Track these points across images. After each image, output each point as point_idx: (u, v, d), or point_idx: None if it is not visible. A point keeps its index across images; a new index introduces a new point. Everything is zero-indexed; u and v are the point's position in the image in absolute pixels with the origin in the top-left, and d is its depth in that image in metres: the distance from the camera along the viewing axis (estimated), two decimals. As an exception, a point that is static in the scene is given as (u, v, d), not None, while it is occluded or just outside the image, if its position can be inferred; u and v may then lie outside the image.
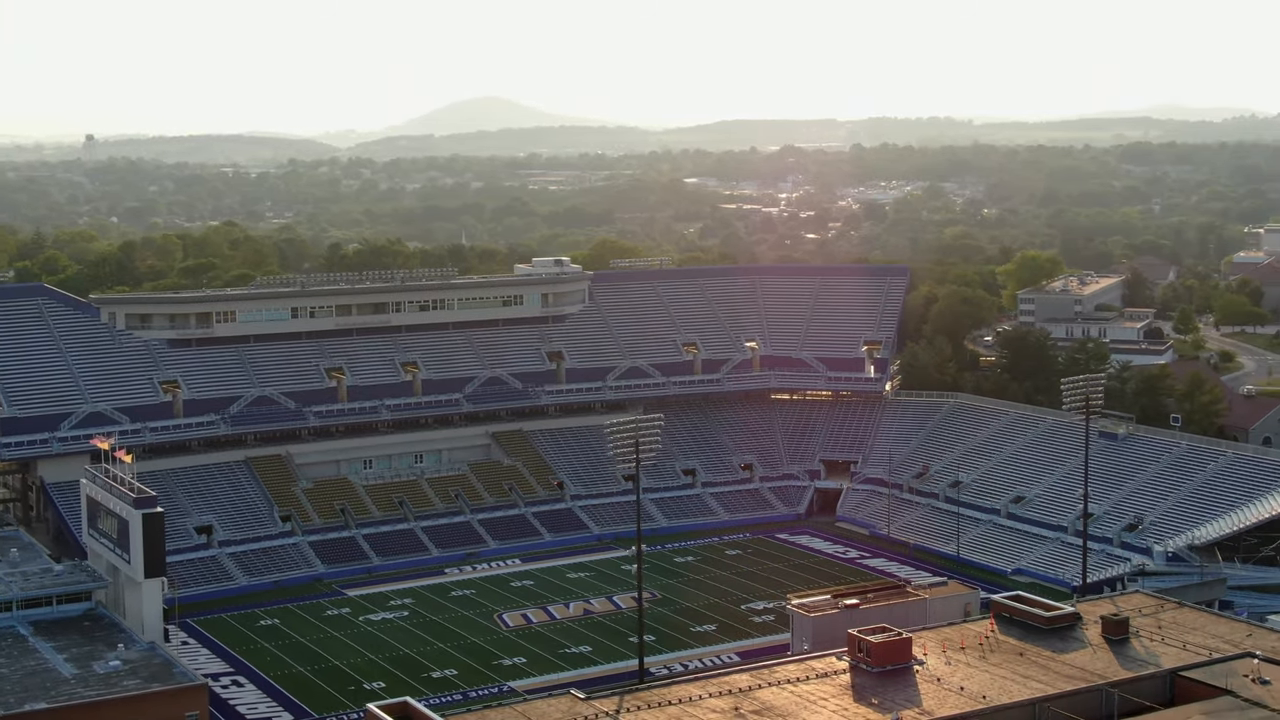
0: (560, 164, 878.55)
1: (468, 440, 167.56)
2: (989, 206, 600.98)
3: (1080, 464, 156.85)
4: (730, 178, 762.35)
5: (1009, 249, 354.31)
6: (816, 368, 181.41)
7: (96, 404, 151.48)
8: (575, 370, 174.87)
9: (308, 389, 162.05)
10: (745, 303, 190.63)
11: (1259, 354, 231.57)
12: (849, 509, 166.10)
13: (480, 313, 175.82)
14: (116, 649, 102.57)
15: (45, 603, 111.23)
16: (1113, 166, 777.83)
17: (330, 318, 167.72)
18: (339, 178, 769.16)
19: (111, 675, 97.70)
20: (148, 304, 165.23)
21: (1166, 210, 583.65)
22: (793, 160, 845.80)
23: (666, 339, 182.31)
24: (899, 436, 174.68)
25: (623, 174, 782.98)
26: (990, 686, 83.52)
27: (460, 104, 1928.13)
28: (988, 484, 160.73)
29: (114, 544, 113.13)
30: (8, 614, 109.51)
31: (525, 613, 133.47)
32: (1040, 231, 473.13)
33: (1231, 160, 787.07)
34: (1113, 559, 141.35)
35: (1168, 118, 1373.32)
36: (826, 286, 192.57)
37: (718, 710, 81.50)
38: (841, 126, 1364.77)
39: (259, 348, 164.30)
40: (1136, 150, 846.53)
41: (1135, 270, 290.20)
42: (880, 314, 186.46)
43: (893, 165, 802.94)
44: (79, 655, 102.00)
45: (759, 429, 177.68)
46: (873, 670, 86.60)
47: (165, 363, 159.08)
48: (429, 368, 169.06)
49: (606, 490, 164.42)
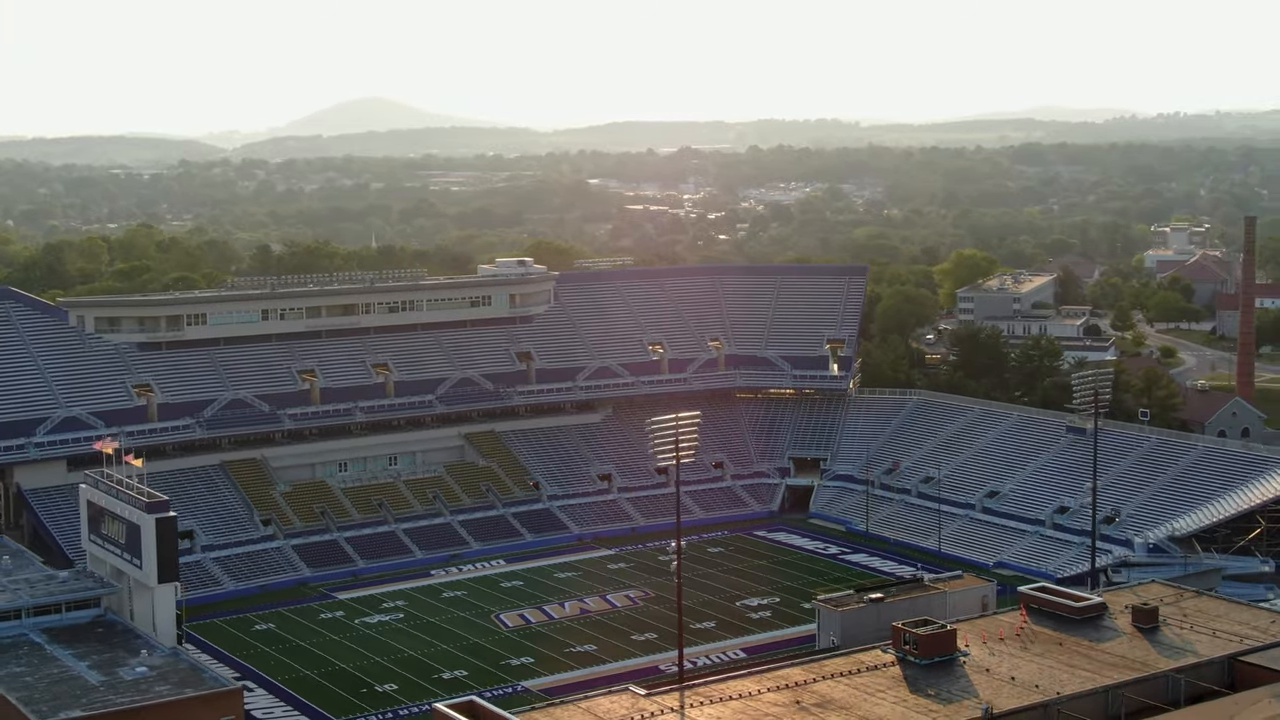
0: (458, 165, 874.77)
1: (441, 442, 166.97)
2: (890, 207, 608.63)
3: (1051, 458, 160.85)
4: (631, 179, 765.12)
5: (932, 249, 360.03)
6: (781, 366, 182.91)
7: (71, 409, 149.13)
8: (545, 371, 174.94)
9: (280, 391, 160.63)
10: (707, 302, 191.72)
11: (1197, 349, 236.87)
12: (821, 505, 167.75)
13: (448, 314, 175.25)
14: (139, 655, 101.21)
15: (54, 610, 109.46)
16: (1006, 167, 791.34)
17: (301, 320, 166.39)
18: (234, 179, 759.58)
19: (141, 681, 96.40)
20: (117, 307, 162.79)
21: (1065, 210, 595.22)
22: (693, 162, 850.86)
23: (632, 339, 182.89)
24: (866, 433, 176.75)
25: (523, 175, 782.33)
26: (1040, 676, 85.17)
27: (345, 105, 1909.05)
28: (960, 479, 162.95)
29: (122, 549, 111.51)
30: (16, 622, 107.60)
31: (522, 613, 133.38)
32: (948, 231, 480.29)
33: (1122, 160, 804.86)
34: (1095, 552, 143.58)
35: (1050, 119, 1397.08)
36: (786, 286, 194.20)
37: (779, 704, 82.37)
38: (731, 128, 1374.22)
39: (229, 350, 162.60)
40: (1028, 151, 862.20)
41: (1066, 268, 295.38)
42: (841, 312, 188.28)
43: (791, 167, 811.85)
44: (101, 662, 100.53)
45: (727, 427, 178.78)
46: (920, 662, 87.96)
47: (137, 366, 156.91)
48: (400, 369, 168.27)
49: (582, 490, 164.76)
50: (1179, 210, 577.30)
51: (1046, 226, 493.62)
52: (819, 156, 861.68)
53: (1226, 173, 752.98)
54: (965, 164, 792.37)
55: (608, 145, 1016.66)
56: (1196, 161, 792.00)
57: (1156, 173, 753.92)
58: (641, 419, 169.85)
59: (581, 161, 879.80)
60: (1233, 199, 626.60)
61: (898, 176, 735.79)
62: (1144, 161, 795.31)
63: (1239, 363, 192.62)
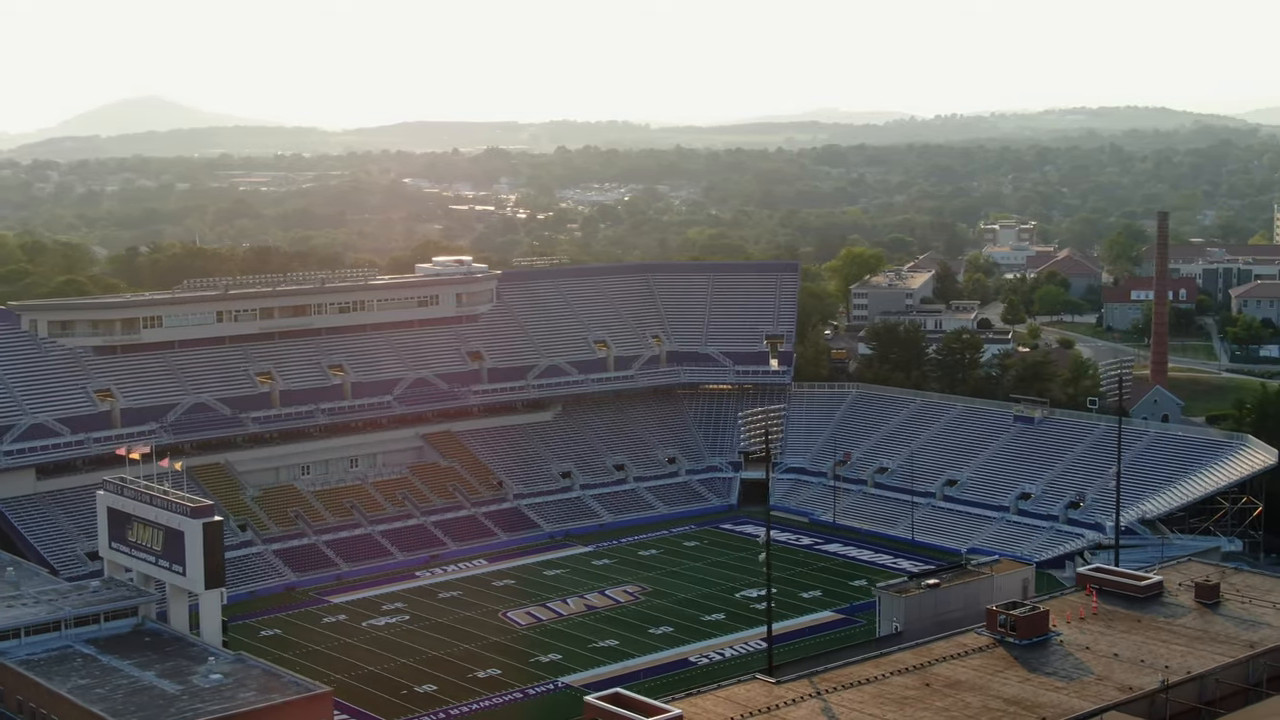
0: (259, 165, 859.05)
1: (400, 443, 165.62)
2: (711, 208, 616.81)
3: (1002, 446, 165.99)
4: (441, 179, 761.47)
5: (790, 247, 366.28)
6: (723, 361, 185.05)
7: (36, 415, 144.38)
8: (496, 370, 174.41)
9: (240, 395, 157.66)
10: (643, 299, 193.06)
11: (1089, 341, 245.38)
12: (779, 498, 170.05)
13: (397, 314, 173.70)
14: (206, 662, 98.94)
15: (93, 620, 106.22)
16: (812, 168, 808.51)
17: (254, 321, 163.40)
18: (26, 180, 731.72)
19: (222, 688, 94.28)
20: (71, 310, 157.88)
21: (881, 210, 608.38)
22: (502, 163, 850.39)
23: (577, 336, 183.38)
24: (810, 427, 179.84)
25: (330, 175, 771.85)
26: (1141, 650, 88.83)
27: (119, 104, 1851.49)
28: (915, 469, 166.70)
29: (157, 556, 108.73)
30: (57, 634, 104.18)
31: (528, 611, 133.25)
32: (779, 231, 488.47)
33: (921, 161, 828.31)
34: (1064, 535, 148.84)
35: (833, 121, 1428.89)
36: (719, 283, 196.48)
37: (910, 686, 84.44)
38: (525, 129, 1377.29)
39: (185, 354, 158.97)
40: (831, 153, 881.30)
41: (944, 264, 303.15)
42: (776, 308, 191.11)
43: (602, 168, 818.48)
44: (167, 671, 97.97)
45: (675, 423, 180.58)
46: (1020, 643, 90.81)
47: (95, 371, 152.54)
48: (355, 370, 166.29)
49: (546, 488, 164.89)
50: (988, 209, 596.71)
51: (873, 226, 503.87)
52: (627, 158, 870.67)
53: (1024, 172, 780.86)
54: (773, 165, 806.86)
55: (402, 145, 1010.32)
56: (993, 161, 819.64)
57: (958, 173, 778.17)
58: (592, 416, 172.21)
59: (388, 161, 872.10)
60: (1039, 197, 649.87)
61: (710, 178, 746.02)
62: (944, 162, 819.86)
63: (1154, 352, 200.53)
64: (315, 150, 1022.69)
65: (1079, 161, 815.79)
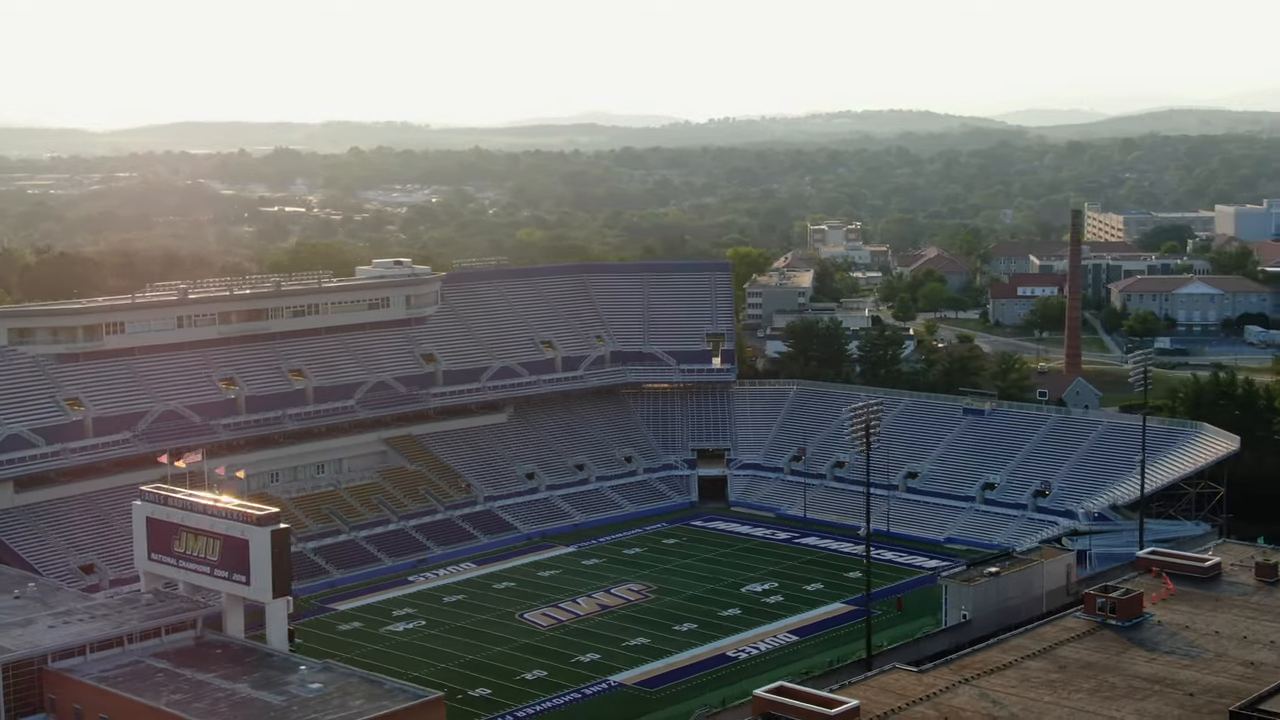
0: (37, 166, 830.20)
1: (363, 447, 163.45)
2: (524, 209, 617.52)
3: (956, 438, 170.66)
4: (234, 180, 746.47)
5: (650, 248, 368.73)
6: (666, 360, 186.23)
7: (11, 426, 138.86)
8: (451, 372, 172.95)
9: (206, 401, 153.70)
10: (581, 300, 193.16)
11: (982, 335, 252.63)
12: (739, 494, 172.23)
13: (349, 317, 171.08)
14: (297, 671, 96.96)
15: (153, 634, 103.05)
16: (615, 170, 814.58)
17: (213, 326, 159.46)
18: None
19: (327, 697, 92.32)
20: (30, 317, 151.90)
21: (697, 211, 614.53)
22: (292, 163, 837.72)
23: (524, 338, 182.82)
24: (757, 423, 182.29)
25: (117, 176, 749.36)
26: (1238, 627, 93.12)
27: None
28: (872, 463, 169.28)
29: (213, 566, 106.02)
30: (121, 649, 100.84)
31: (543, 612, 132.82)
32: (605, 231, 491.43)
33: (716, 163, 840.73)
34: (1036, 523, 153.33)
35: (609, 124, 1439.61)
36: (654, 283, 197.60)
37: (1047, 669, 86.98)
38: (298, 129, 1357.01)
39: (148, 360, 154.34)
40: (629, 155, 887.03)
41: (823, 263, 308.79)
42: (713, 307, 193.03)
43: (401, 169, 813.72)
44: (258, 682, 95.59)
45: (624, 422, 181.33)
46: (1121, 624, 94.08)
47: (61, 379, 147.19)
48: (315, 375, 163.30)
49: (515, 490, 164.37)
50: (797, 210, 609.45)
51: (700, 227, 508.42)
52: (426, 159, 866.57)
53: (819, 173, 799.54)
54: (577, 167, 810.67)
55: (170, 145, 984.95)
56: (788, 164, 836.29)
57: (758, 175, 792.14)
58: (545, 417, 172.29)
59: (174, 162, 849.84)
60: (846, 198, 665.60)
61: (515, 179, 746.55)
62: (741, 165, 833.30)
63: (1068, 345, 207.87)
64: (77, 152, 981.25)
65: (869, 163, 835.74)
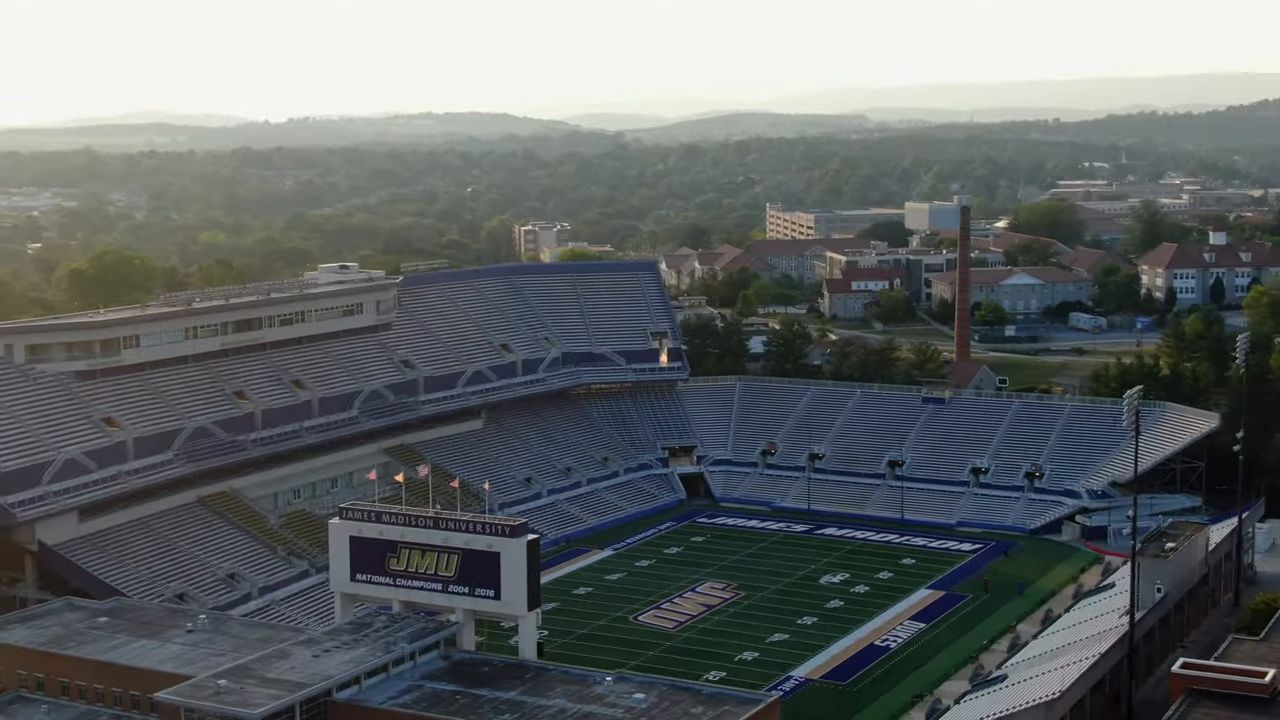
0: None
1: (367, 459, 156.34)
2: (169, 212, 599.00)
3: (925, 427, 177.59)
4: None
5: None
6: (617, 360, 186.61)
7: (65, 450, 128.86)
8: (432, 379, 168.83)
9: (228, 417, 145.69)
10: (519, 303, 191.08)
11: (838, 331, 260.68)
12: (722, 489, 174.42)
13: (329, 324, 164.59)
14: (601, 683, 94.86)
15: (409, 657, 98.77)
16: (244, 171, 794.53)
17: (216, 337, 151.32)
18: None
19: (659, 707, 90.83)
20: (45, 333, 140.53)
21: (373, 214, 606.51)
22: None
23: (482, 341, 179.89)
24: (713, 419, 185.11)
25: None
26: None
27: None
28: (848, 454, 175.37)
29: (447, 582, 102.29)
30: (384, 676, 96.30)
31: (654, 614, 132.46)
32: (294, 235, 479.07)
33: (349, 164, 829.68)
34: (1042, 504, 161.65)
35: (183, 124, 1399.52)
36: (585, 284, 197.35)
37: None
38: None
39: (162, 375, 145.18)
40: (252, 156, 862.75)
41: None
42: (647, 306, 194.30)
43: (9, 173, 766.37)
44: (573, 696, 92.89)
45: (588, 423, 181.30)
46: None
47: (88, 398, 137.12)
48: (314, 385, 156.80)
49: (520, 496, 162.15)
50: (467, 212, 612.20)
51: (386, 227, 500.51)
52: (36, 161, 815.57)
53: (457, 175, 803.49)
54: (202, 169, 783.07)
55: None
56: (423, 165, 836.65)
57: (400, 176, 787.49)
58: (516, 421, 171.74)
59: None
60: (505, 199, 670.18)
61: (139, 181, 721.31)
62: (379, 166, 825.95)
63: (958, 335, 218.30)
64: None
65: (501, 166, 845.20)
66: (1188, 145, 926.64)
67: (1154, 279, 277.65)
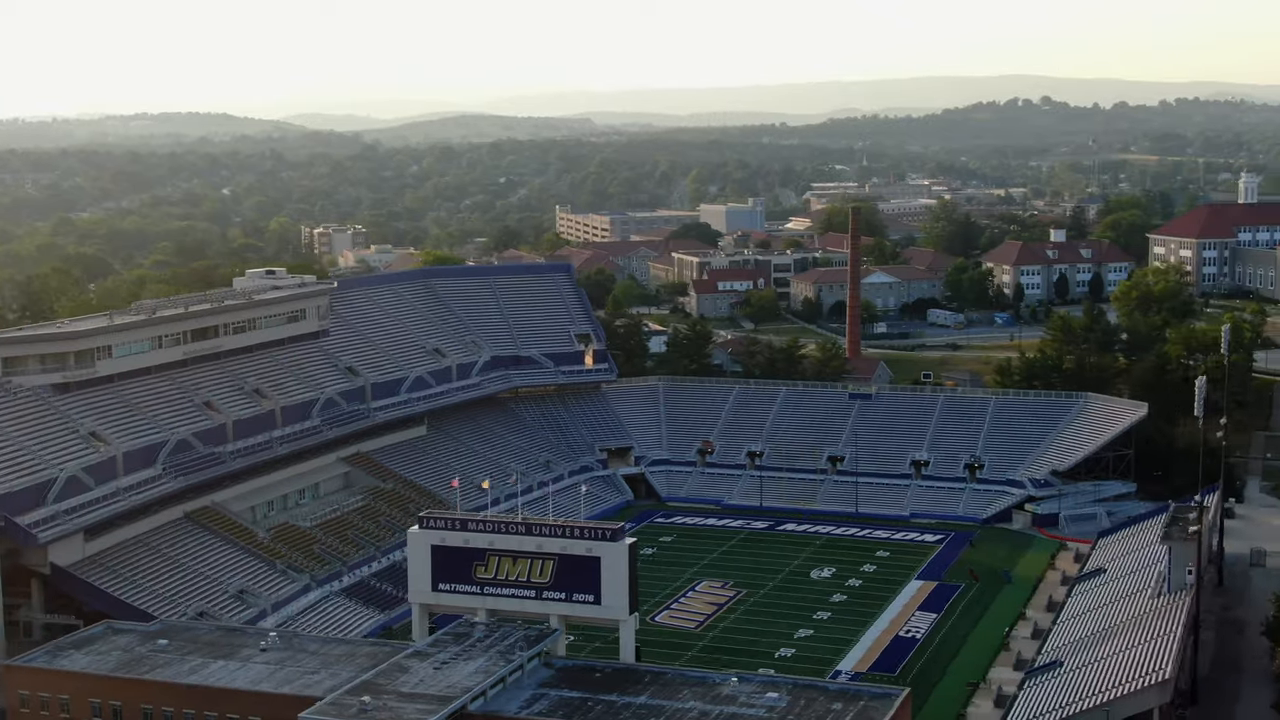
0: None
1: (330, 469, 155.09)
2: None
3: (858, 422, 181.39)
4: None
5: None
6: (544, 363, 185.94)
7: (64, 468, 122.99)
8: (378, 385, 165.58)
9: (203, 428, 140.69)
10: (439, 306, 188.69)
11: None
12: (667, 489, 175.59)
13: (276, 331, 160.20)
14: (726, 683, 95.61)
15: (518, 667, 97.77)
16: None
17: (179, 346, 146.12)
18: None
19: (796, 706, 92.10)
20: (19, 345, 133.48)
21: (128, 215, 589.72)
22: None
23: (416, 346, 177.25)
24: (642, 420, 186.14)
25: None
26: None
27: None
28: (786, 450, 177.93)
29: (540, 588, 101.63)
30: (501, 686, 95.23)
31: (667, 614, 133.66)
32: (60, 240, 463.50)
33: (87, 167, 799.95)
34: (987, 494, 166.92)
35: None
36: (502, 287, 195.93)
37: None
38: None
39: (136, 385, 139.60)
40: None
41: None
42: (568, 308, 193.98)
43: None
44: (701, 697, 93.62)
45: (524, 426, 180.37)
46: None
47: (70, 411, 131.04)
48: (274, 395, 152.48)
49: (481, 502, 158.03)
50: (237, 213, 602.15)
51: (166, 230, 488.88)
52: None
53: (205, 176, 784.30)
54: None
55: None
56: (166, 167, 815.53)
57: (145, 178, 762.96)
58: (456, 427, 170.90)
59: None
60: (272, 201, 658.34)
61: None
62: (127, 169, 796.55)
63: (849, 332, 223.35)
64: None
65: (248, 166, 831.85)
66: (914, 148, 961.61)
67: (1001, 275, 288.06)
